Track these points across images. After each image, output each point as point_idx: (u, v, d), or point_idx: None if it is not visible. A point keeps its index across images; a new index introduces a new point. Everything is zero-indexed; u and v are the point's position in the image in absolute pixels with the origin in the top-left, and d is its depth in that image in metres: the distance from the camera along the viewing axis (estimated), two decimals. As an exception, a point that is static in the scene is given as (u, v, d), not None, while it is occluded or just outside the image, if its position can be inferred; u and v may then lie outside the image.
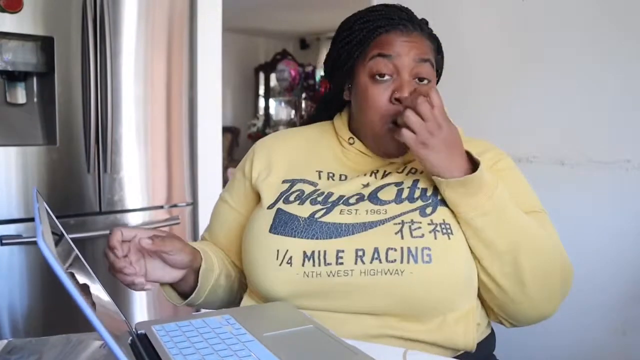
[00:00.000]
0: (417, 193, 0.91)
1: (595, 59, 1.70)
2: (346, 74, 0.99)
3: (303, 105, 6.48)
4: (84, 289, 0.68)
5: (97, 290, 0.67)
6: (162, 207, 2.06)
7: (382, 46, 0.93)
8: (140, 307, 2.04)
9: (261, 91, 7.07)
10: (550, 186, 1.69)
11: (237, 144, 6.48)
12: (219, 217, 1.08)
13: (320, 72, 6.40)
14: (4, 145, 1.67)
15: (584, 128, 1.72)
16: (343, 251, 0.86)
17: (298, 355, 0.67)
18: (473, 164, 0.87)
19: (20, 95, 1.78)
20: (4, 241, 1.64)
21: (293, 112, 6.70)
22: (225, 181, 1.14)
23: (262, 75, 7.02)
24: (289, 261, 0.87)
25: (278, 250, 0.88)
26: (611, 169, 1.66)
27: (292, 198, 0.94)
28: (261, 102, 7.10)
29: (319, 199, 0.92)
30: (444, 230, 0.86)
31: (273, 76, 6.77)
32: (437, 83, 1.04)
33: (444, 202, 0.89)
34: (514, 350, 1.03)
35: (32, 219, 1.71)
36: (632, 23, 1.63)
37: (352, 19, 0.99)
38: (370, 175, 0.96)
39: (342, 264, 0.85)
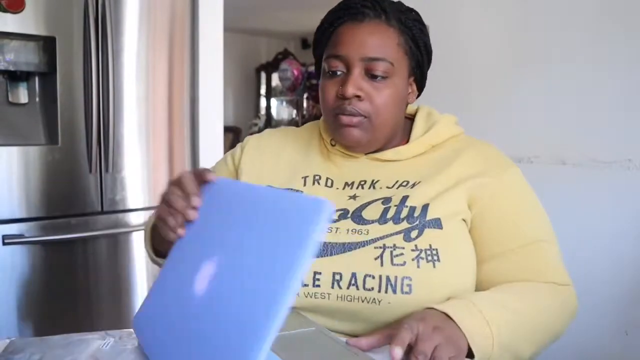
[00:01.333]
0: (404, 212, 0.85)
1: (596, 59, 1.70)
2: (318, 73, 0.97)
3: (305, 104, 6.48)
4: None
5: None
6: (163, 206, 2.05)
7: (335, 45, 0.89)
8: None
9: (262, 91, 7.08)
10: (551, 186, 1.69)
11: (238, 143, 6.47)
12: None
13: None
14: (6, 145, 1.68)
15: (585, 128, 1.72)
16: (320, 273, 0.83)
17: (300, 357, 0.67)
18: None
19: (22, 95, 1.78)
20: (5, 241, 1.64)
21: (294, 111, 6.70)
22: (226, 181, 1.11)
23: (263, 75, 7.02)
24: None
25: None
26: (612, 168, 1.66)
27: None
28: (263, 102, 7.11)
29: None
30: (429, 257, 0.80)
31: (274, 76, 6.77)
32: (423, 78, 0.96)
33: (432, 224, 0.83)
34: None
35: (33, 219, 1.71)
36: (632, 23, 1.63)
37: (324, 17, 0.95)
38: (357, 187, 0.91)
39: (319, 286, 0.82)
